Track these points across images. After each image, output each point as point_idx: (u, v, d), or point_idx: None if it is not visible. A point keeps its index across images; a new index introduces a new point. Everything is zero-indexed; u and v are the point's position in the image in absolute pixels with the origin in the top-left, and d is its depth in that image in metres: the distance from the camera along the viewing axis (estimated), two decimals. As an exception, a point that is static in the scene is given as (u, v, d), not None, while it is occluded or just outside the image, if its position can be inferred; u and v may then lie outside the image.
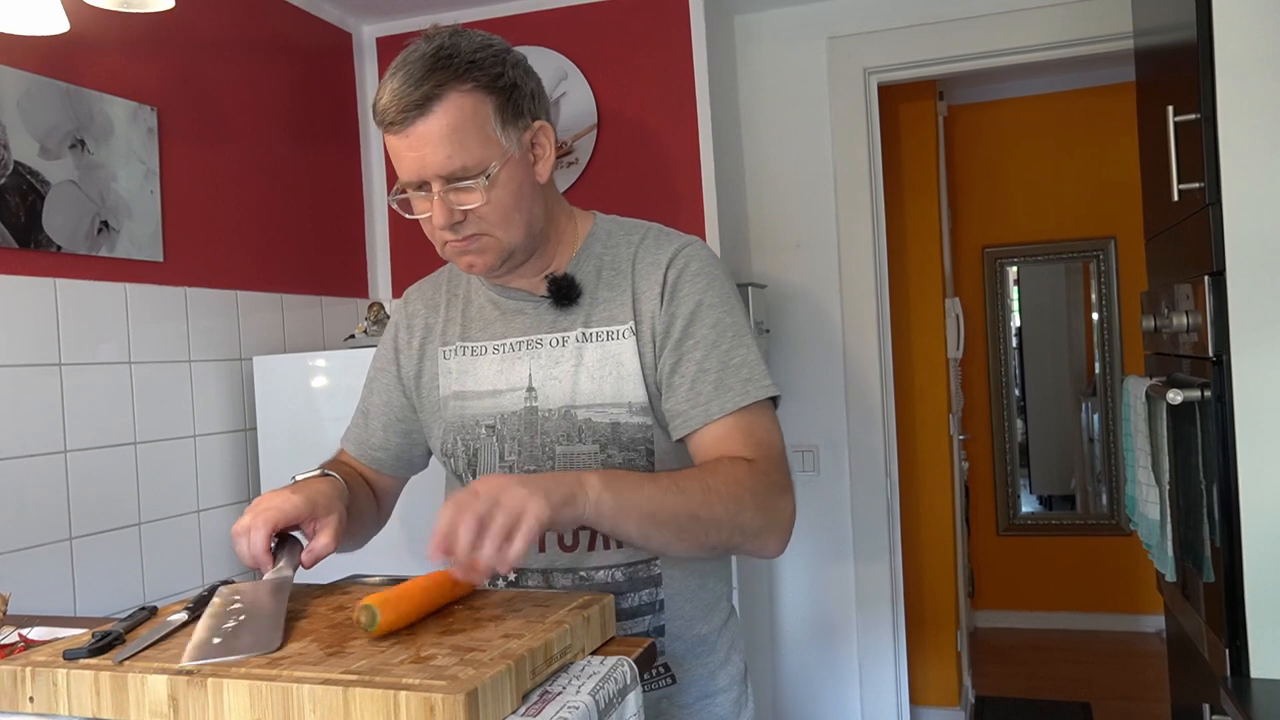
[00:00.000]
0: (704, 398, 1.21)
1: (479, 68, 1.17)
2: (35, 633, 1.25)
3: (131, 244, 2.10)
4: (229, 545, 2.33)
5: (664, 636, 1.27)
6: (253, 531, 1.12)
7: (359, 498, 1.36)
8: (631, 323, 1.26)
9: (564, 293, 1.28)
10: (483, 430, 1.30)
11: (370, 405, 1.45)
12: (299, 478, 1.25)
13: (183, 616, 1.05)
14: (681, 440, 1.23)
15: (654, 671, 1.26)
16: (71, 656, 0.95)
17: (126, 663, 0.92)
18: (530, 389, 1.28)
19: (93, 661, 0.94)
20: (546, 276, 1.29)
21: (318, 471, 1.28)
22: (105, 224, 2.04)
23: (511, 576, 1.28)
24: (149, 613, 1.09)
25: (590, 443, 1.25)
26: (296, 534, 1.19)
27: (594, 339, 1.27)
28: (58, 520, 1.91)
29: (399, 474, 1.47)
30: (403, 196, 1.24)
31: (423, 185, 1.20)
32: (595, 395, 1.25)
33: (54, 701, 0.92)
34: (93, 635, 0.99)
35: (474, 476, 1.30)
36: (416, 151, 1.17)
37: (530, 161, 1.24)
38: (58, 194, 1.93)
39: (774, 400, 1.25)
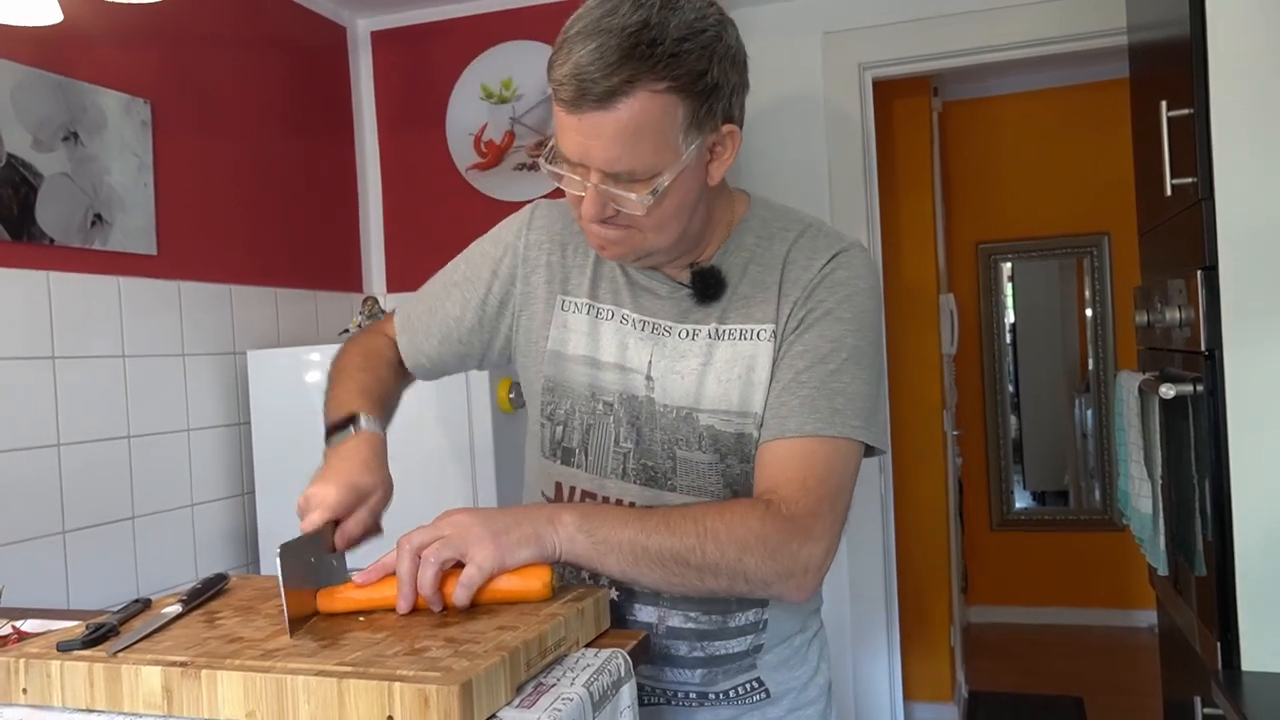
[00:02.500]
0: (786, 410, 1.11)
1: (682, 62, 1.00)
2: (29, 625, 1.25)
3: (125, 237, 2.09)
4: (222, 539, 2.34)
5: (760, 653, 1.23)
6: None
7: (392, 400, 1.32)
8: (772, 325, 1.15)
9: (709, 288, 1.16)
10: (600, 406, 1.19)
11: (442, 309, 1.31)
12: (334, 443, 1.18)
13: (177, 609, 1.05)
14: None
15: (748, 685, 1.22)
16: (65, 648, 0.95)
17: (120, 654, 0.92)
18: (649, 377, 1.17)
19: (86, 653, 0.94)
20: (691, 266, 1.18)
21: (354, 432, 1.18)
22: (98, 217, 2.03)
23: (619, 595, 1.19)
24: (143, 605, 1.09)
25: (710, 451, 1.16)
26: None
27: (727, 337, 1.16)
28: (51, 513, 1.91)
29: (424, 379, 1.38)
30: (559, 170, 1.09)
31: (581, 167, 1.06)
32: (721, 401, 1.15)
33: (48, 693, 0.92)
34: (86, 627, 0.99)
35: (586, 455, 1.21)
36: (584, 138, 1.03)
37: (705, 162, 1.10)
38: (51, 187, 1.93)
39: (869, 450, 1.14)
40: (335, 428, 1.21)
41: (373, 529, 1.16)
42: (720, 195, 1.19)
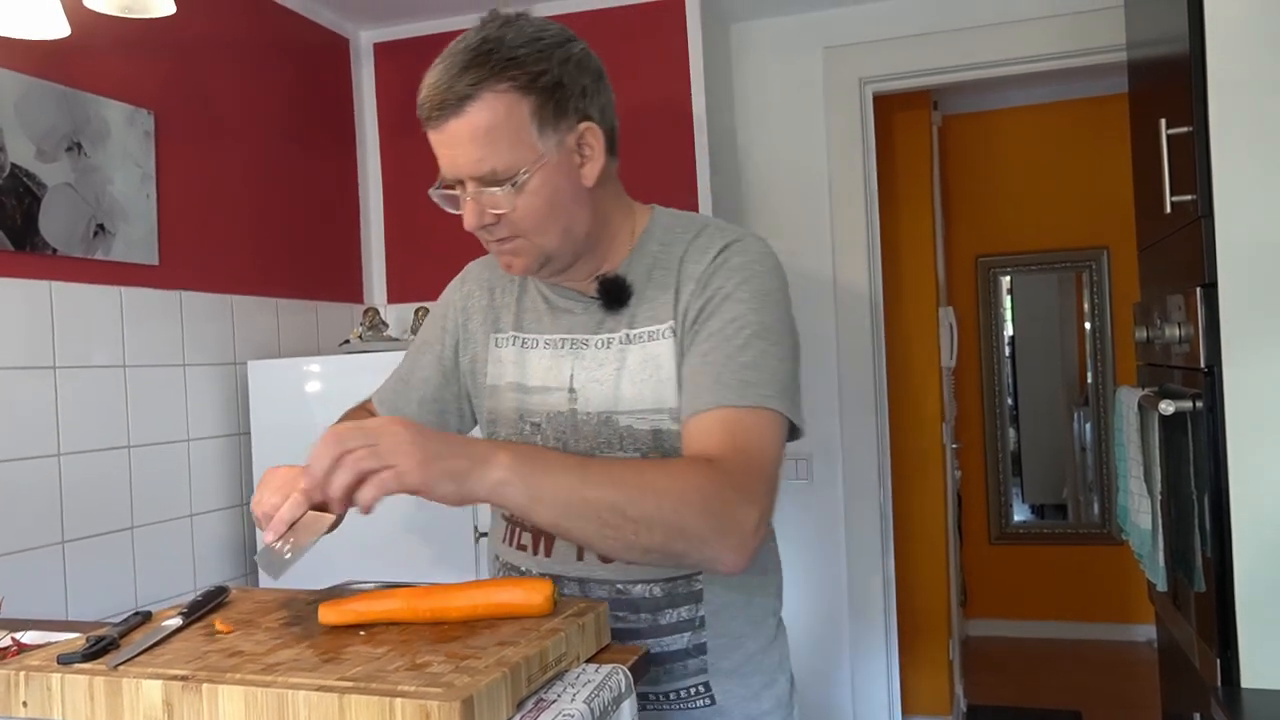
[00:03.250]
0: (699, 388, 1.13)
1: (518, 65, 1.11)
2: (29, 637, 1.25)
3: (127, 247, 2.10)
4: (222, 549, 2.34)
5: (706, 654, 1.22)
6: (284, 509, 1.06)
7: None
8: (672, 321, 1.20)
9: (613, 294, 1.22)
10: (527, 427, 1.26)
11: (412, 376, 1.42)
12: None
13: (177, 622, 1.05)
14: None
15: (693, 690, 1.22)
16: (65, 661, 0.94)
17: (121, 668, 0.92)
18: (571, 390, 1.24)
19: (87, 666, 0.93)
20: (597, 277, 1.24)
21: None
22: (101, 227, 2.04)
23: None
24: (143, 617, 1.09)
25: (632, 450, 1.20)
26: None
27: (636, 340, 1.21)
28: (50, 523, 1.91)
29: None
30: (444, 191, 1.18)
31: (459, 183, 1.15)
32: (636, 401, 1.20)
33: (48, 706, 0.92)
34: (87, 640, 0.98)
35: None
36: (449, 150, 1.13)
37: (575, 164, 1.16)
38: (54, 197, 1.93)
39: (792, 426, 1.15)
40: None
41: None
42: (617, 204, 1.26)
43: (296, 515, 1.02)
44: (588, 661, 1.02)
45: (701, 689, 1.22)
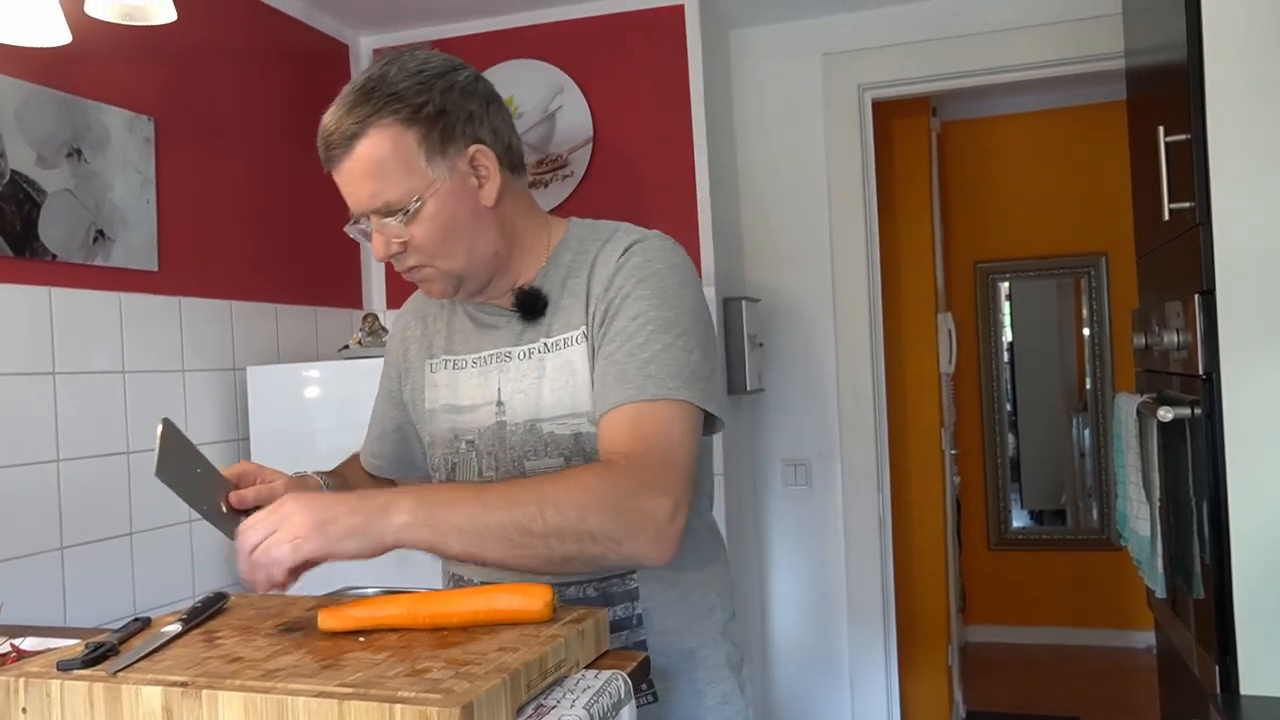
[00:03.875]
0: (605, 389, 1.16)
1: (400, 99, 1.15)
2: (28, 643, 1.25)
3: (126, 253, 2.10)
4: (221, 556, 2.33)
5: (646, 652, 1.21)
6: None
7: (357, 483, 1.44)
8: (584, 327, 1.23)
9: (529, 306, 1.26)
10: (462, 445, 1.30)
11: (374, 415, 1.49)
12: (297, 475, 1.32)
13: (176, 628, 1.05)
14: None
15: (637, 688, 1.24)
16: (65, 667, 0.94)
17: (121, 674, 0.92)
18: (499, 403, 1.27)
19: (86, 673, 0.93)
20: (514, 290, 1.28)
21: (314, 471, 1.35)
22: (101, 233, 2.04)
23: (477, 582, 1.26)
24: (143, 624, 1.09)
25: (555, 456, 1.22)
26: None
27: (554, 348, 1.25)
28: (49, 529, 1.91)
29: (404, 477, 1.50)
30: (357, 227, 1.25)
31: (365, 217, 1.21)
32: (557, 407, 1.23)
33: (47, 713, 0.92)
34: (86, 646, 0.98)
35: None
36: (348, 187, 1.20)
37: (473, 186, 1.20)
38: (54, 203, 1.93)
39: (711, 417, 1.18)
40: None
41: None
42: (527, 220, 1.28)
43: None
44: (587, 667, 1.02)
45: (644, 687, 1.22)
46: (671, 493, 1.09)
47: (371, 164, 1.16)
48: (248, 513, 1.18)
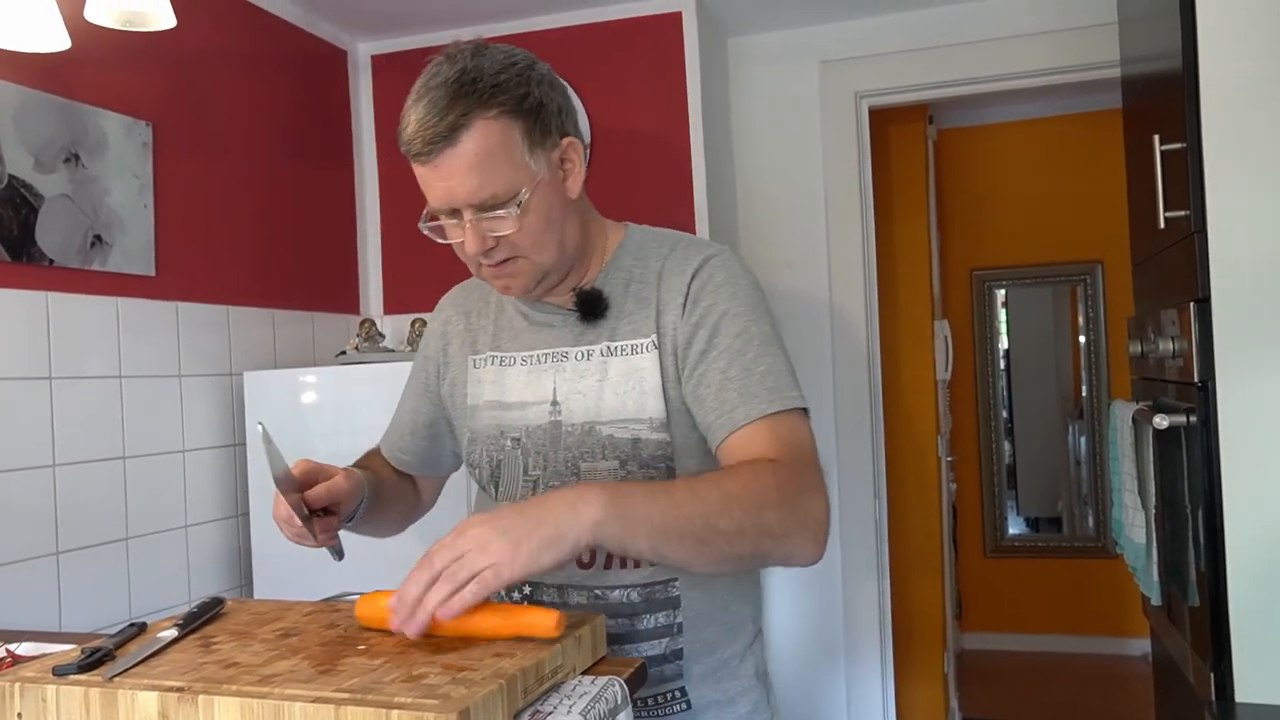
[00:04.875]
0: (729, 405, 1.18)
1: (504, 90, 1.14)
2: (23, 648, 1.25)
3: (124, 258, 2.10)
4: (217, 560, 2.33)
5: (682, 660, 1.24)
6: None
7: (387, 490, 1.41)
8: (654, 336, 1.24)
9: (590, 307, 1.26)
10: (508, 442, 1.29)
11: (402, 410, 1.48)
12: None
13: (172, 633, 1.05)
14: (710, 457, 1.21)
15: (669, 695, 1.24)
16: (61, 672, 0.94)
17: (117, 679, 0.92)
18: (555, 403, 1.27)
19: (82, 678, 0.93)
20: (574, 290, 1.28)
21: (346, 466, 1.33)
22: (98, 238, 2.04)
23: (526, 590, 1.27)
24: (139, 629, 1.09)
25: (611, 459, 1.23)
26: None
27: (618, 353, 1.25)
28: (45, 534, 1.91)
29: (428, 474, 1.51)
30: (434, 224, 1.22)
31: (454, 212, 1.18)
32: (618, 411, 1.23)
33: (43, 718, 0.92)
34: (82, 651, 0.98)
35: (497, 489, 1.31)
36: (445, 181, 1.15)
37: (560, 179, 1.22)
38: (51, 208, 1.94)
39: (806, 414, 1.22)
40: None
41: (329, 502, 1.25)
42: (594, 220, 1.31)
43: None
44: (584, 673, 1.02)
45: (678, 694, 1.24)
46: (822, 492, 1.14)
47: (479, 157, 1.13)
48: (316, 514, 1.24)
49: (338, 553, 1.28)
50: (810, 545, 1.11)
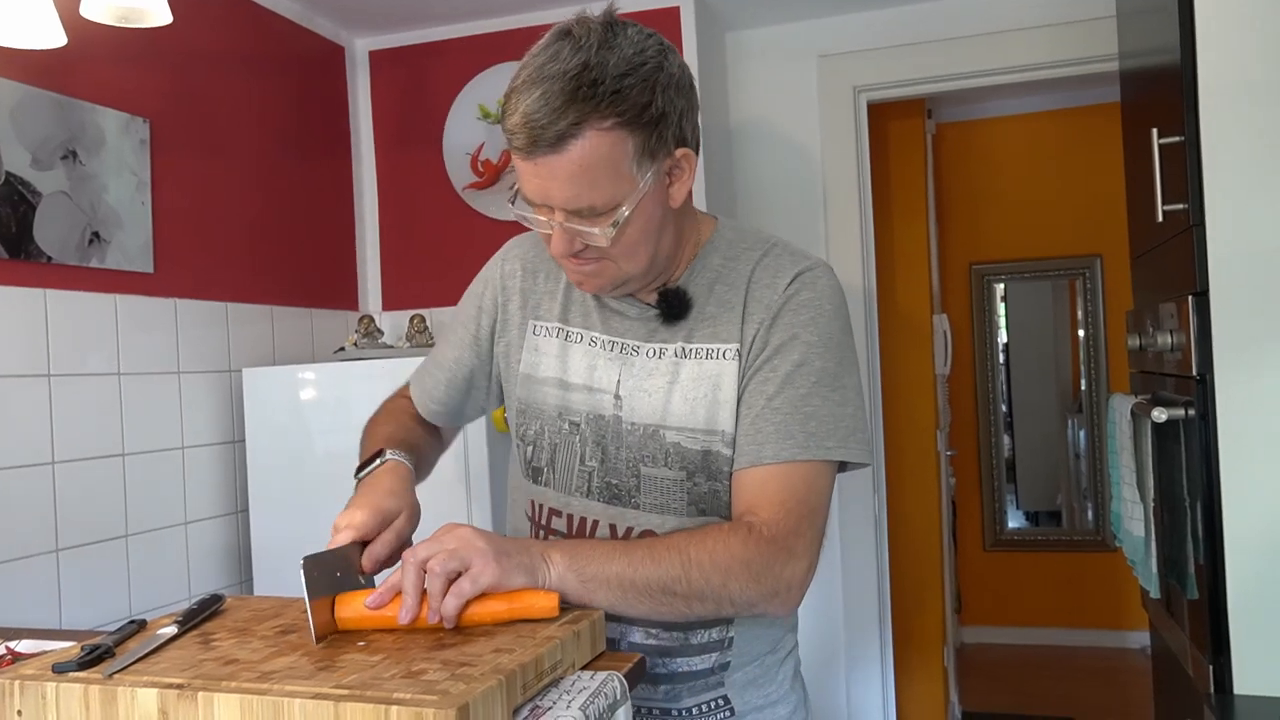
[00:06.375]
0: (761, 436, 1.13)
1: (623, 98, 1.04)
2: (23, 645, 1.25)
3: (122, 255, 2.10)
4: (216, 557, 2.33)
5: (727, 670, 1.23)
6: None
7: (425, 463, 1.35)
8: (736, 344, 1.17)
9: (674, 308, 1.19)
10: (566, 425, 1.22)
11: (442, 357, 1.37)
12: (363, 476, 1.22)
13: (172, 630, 1.05)
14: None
15: (714, 703, 1.23)
16: (60, 670, 0.94)
17: (116, 676, 0.92)
18: (617, 396, 1.20)
19: (82, 675, 0.93)
20: (658, 288, 1.20)
21: (380, 463, 1.22)
22: (96, 235, 2.04)
23: None
24: (138, 626, 1.09)
25: (678, 468, 1.17)
26: None
27: (693, 356, 1.18)
28: (44, 531, 1.91)
29: (452, 425, 1.43)
30: (526, 214, 1.13)
31: (546, 209, 1.10)
32: (688, 419, 1.17)
33: (43, 715, 0.92)
34: (82, 648, 0.98)
35: (554, 474, 1.24)
36: (542, 181, 1.07)
37: (665, 187, 1.13)
38: (49, 205, 1.93)
39: (837, 466, 1.15)
40: (363, 466, 1.26)
41: (400, 552, 1.15)
42: (687, 217, 1.22)
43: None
44: (583, 668, 1.03)
45: (721, 702, 1.23)
46: (806, 556, 1.12)
47: (583, 168, 1.04)
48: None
49: None
50: (780, 608, 1.12)
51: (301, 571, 1.01)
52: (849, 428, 1.15)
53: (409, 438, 1.33)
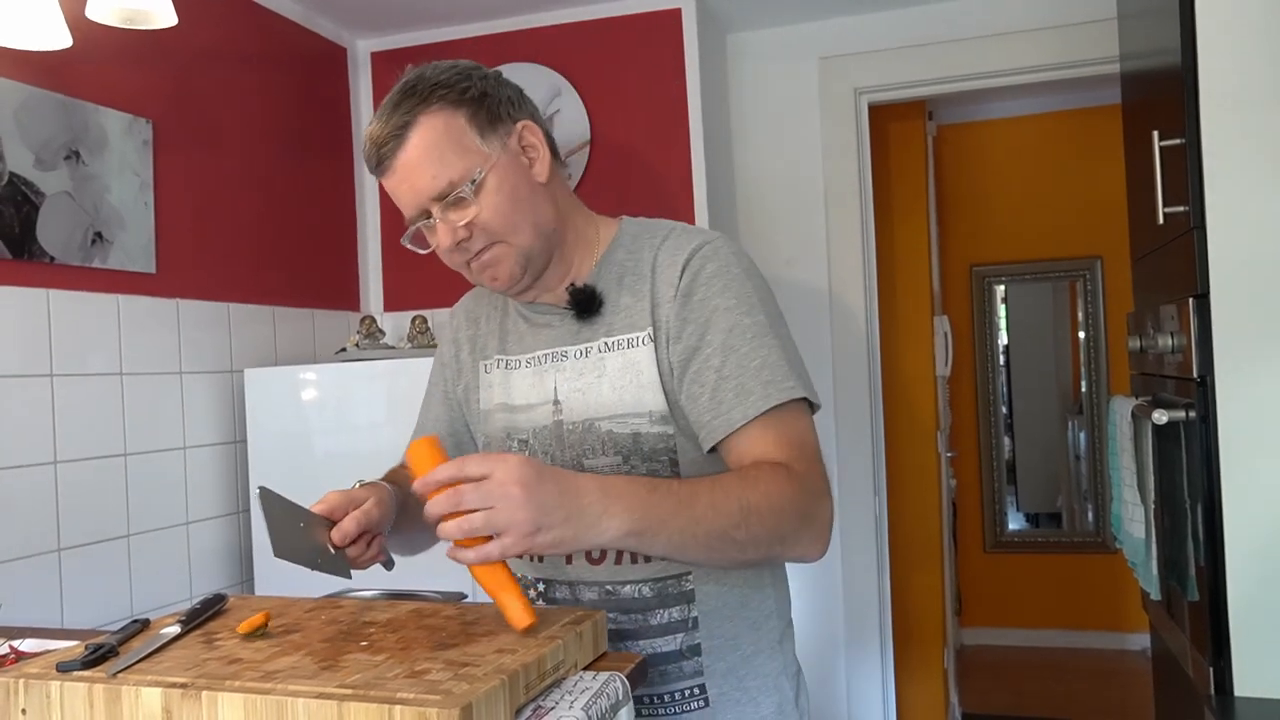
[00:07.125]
0: (726, 405, 1.17)
1: (444, 86, 1.19)
2: (27, 645, 1.25)
3: (124, 255, 2.10)
4: (217, 557, 2.34)
5: (701, 656, 1.23)
6: None
7: (414, 501, 1.34)
8: (650, 329, 1.23)
9: (583, 304, 1.26)
10: (515, 444, 1.30)
11: (425, 418, 1.47)
12: (357, 485, 1.26)
13: (175, 629, 1.05)
14: (713, 450, 1.19)
15: (688, 691, 1.23)
16: (65, 669, 0.95)
17: (120, 675, 0.93)
18: (556, 402, 1.27)
19: (86, 674, 0.94)
20: (568, 288, 1.28)
21: (373, 480, 1.29)
22: (99, 235, 2.04)
23: (541, 587, 1.29)
24: (142, 625, 1.09)
25: (613, 455, 1.22)
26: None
27: (615, 348, 1.25)
28: (47, 531, 1.91)
29: None
30: (413, 233, 1.24)
31: (425, 214, 1.21)
32: (616, 405, 1.23)
33: (47, 714, 0.92)
34: (86, 648, 0.99)
35: None
36: (406, 182, 1.19)
37: (525, 164, 1.23)
38: (52, 205, 1.94)
39: (810, 404, 1.21)
40: None
41: (367, 531, 1.18)
42: (576, 209, 1.32)
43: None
44: (585, 669, 1.03)
45: (696, 691, 1.23)
46: (828, 492, 1.17)
47: (426, 148, 1.17)
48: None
49: (389, 564, 1.25)
50: (817, 546, 1.15)
51: (260, 500, 1.08)
52: (794, 368, 1.20)
53: (396, 478, 1.38)
